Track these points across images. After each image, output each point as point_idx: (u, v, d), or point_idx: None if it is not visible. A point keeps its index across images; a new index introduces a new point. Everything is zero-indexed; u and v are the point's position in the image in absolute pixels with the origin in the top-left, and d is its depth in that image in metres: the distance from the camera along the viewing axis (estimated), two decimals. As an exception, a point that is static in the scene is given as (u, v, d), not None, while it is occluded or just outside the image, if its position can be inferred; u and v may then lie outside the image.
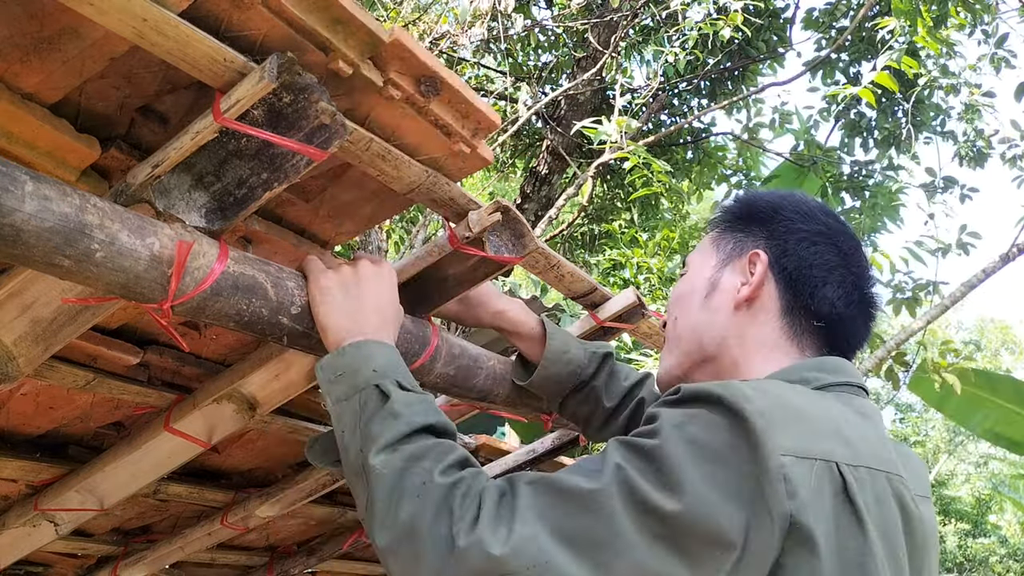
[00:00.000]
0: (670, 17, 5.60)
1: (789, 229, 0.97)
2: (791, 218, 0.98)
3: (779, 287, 0.95)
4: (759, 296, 0.95)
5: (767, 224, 0.99)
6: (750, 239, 0.99)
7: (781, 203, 0.99)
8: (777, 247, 0.96)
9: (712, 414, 0.73)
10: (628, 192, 6.41)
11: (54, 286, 0.95)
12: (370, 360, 0.92)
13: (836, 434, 0.77)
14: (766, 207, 1.00)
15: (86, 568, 2.06)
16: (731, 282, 0.98)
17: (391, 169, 0.99)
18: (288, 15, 0.78)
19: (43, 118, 0.87)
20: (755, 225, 1.00)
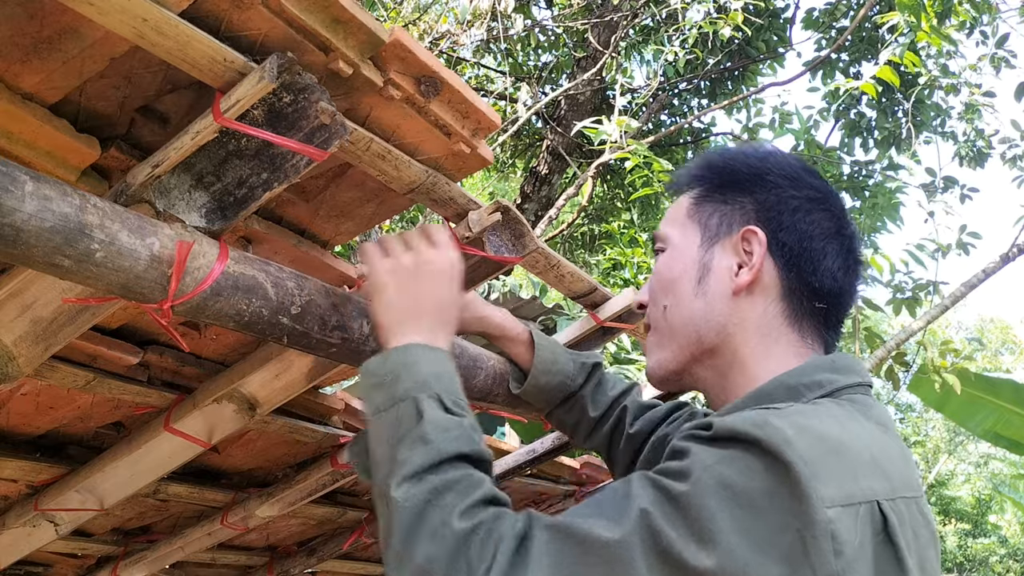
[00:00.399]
0: (670, 17, 5.60)
1: (780, 198, 0.87)
2: (780, 184, 0.87)
3: (779, 267, 0.86)
4: (759, 279, 0.86)
5: (754, 193, 0.88)
6: (738, 212, 0.89)
7: (764, 166, 0.89)
8: (772, 221, 0.87)
9: (750, 457, 0.66)
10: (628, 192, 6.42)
11: (54, 286, 0.95)
12: (414, 368, 0.85)
13: (873, 465, 0.71)
14: (749, 173, 0.89)
15: (86, 568, 2.06)
16: (725, 264, 0.88)
17: (391, 169, 0.99)
18: (288, 15, 0.78)
19: (43, 118, 0.87)
20: (740, 194, 0.89)
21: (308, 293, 0.98)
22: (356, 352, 1.06)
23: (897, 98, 5.99)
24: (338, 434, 1.72)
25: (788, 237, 0.86)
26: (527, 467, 2.09)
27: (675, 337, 0.92)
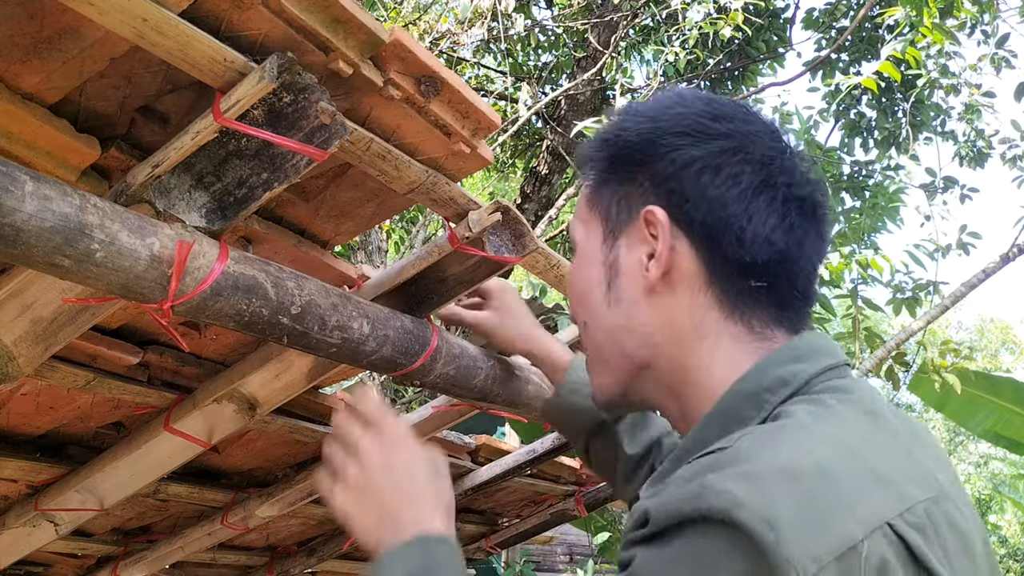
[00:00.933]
0: (670, 17, 5.60)
1: (678, 163, 0.70)
2: (677, 145, 0.71)
3: (694, 245, 0.70)
4: (673, 268, 0.71)
5: (648, 164, 0.72)
6: (637, 191, 0.73)
7: (657, 128, 0.72)
8: (673, 193, 0.70)
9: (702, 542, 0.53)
10: (628, 192, 6.41)
11: (54, 286, 0.95)
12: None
13: (872, 477, 0.57)
14: (640, 140, 0.73)
15: (86, 568, 2.06)
16: (633, 259, 0.73)
17: (391, 169, 0.99)
18: (288, 15, 0.78)
19: (43, 118, 0.87)
20: (634, 169, 0.73)
21: (308, 293, 0.98)
22: (356, 352, 1.06)
23: (897, 98, 5.99)
24: (338, 434, 1.72)
25: (695, 209, 0.69)
26: (527, 467, 2.09)
27: (604, 357, 0.79)
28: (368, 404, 0.88)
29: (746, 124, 0.72)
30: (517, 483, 2.24)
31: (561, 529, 5.93)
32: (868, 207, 6.18)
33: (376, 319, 1.07)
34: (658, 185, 0.72)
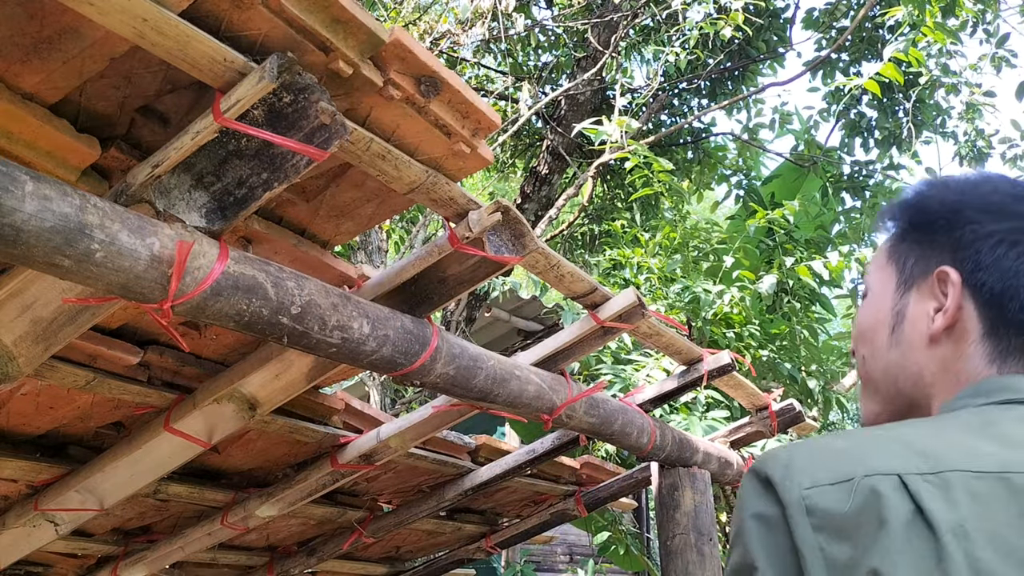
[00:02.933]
0: (670, 17, 5.60)
1: (978, 235, 0.81)
2: (978, 220, 0.81)
3: (978, 306, 0.80)
4: (957, 322, 0.81)
5: (950, 231, 0.83)
6: (934, 253, 0.84)
7: (961, 200, 0.83)
8: (968, 260, 0.81)
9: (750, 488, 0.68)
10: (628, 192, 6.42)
11: (54, 286, 0.95)
12: None
13: (905, 446, 0.66)
14: (944, 209, 0.84)
15: (86, 568, 2.06)
16: (920, 310, 0.84)
17: (391, 169, 0.99)
18: (288, 15, 0.78)
19: (43, 118, 0.87)
20: (936, 233, 0.84)
21: (308, 293, 0.98)
22: (356, 352, 1.06)
23: (898, 98, 5.99)
24: (338, 434, 1.72)
25: (988, 276, 0.80)
26: (527, 467, 2.09)
27: (877, 390, 0.89)
28: None
29: None
30: (517, 483, 2.24)
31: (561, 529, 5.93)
32: (868, 207, 6.18)
33: (376, 319, 1.07)
34: (956, 250, 0.82)
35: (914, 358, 0.83)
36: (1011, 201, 0.82)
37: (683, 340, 1.84)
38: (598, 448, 4.62)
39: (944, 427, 0.70)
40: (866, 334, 0.89)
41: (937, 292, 0.82)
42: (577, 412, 1.61)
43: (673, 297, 4.65)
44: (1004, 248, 0.79)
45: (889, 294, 0.87)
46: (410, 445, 1.70)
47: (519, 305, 6.14)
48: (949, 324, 0.80)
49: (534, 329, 6.30)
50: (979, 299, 0.80)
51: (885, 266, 0.89)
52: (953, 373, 0.80)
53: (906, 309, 0.85)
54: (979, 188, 0.84)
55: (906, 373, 0.84)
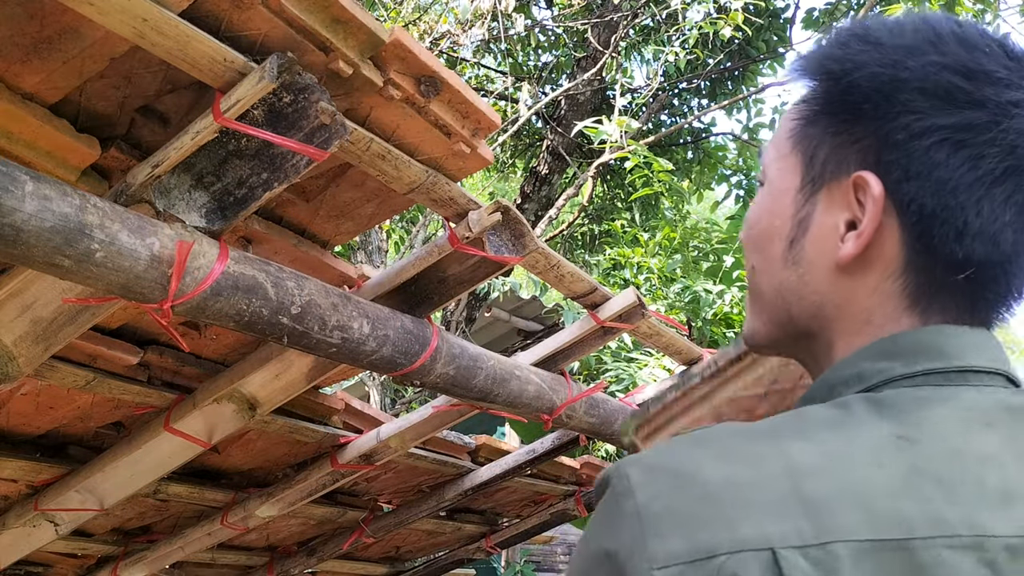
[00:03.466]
0: (670, 17, 5.60)
1: (912, 131, 0.59)
2: (918, 108, 0.59)
3: (903, 228, 0.60)
4: (871, 246, 0.62)
5: (877, 120, 0.60)
6: (854, 148, 0.62)
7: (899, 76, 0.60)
8: (895, 165, 0.60)
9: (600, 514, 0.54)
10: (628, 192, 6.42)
11: (54, 286, 0.95)
12: None
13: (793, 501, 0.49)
14: (873, 88, 0.61)
15: (86, 568, 2.06)
16: (829, 222, 0.64)
17: (391, 169, 0.99)
18: (288, 15, 0.78)
19: (43, 118, 0.87)
20: (860, 120, 0.62)
21: (308, 293, 0.98)
22: (356, 352, 1.06)
23: (897, 98, 5.99)
24: (338, 434, 1.72)
25: (918, 189, 0.59)
26: (527, 467, 2.09)
27: (764, 307, 0.71)
28: None
29: (1007, 90, 0.58)
30: (517, 483, 2.24)
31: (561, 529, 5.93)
32: (868, 207, 6.18)
33: (376, 319, 1.07)
34: (881, 150, 0.61)
35: (815, 285, 0.65)
36: (964, 78, 0.58)
37: (683, 340, 1.84)
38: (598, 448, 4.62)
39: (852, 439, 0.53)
40: (757, 241, 0.70)
41: (852, 201, 0.62)
42: (577, 412, 1.61)
43: (673, 297, 4.65)
44: (946, 151, 0.58)
45: (791, 194, 0.67)
46: (410, 445, 1.70)
47: (519, 305, 6.14)
48: (863, 248, 0.61)
49: (534, 329, 6.31)
50: (905, 218, 0.60)
51: (788, 153, 0.68)
52: (863, 311, 0.63)
53: (810, 218, 0.65)
54: (923, 56, 0.60)
55: (803, 301, 0.66)
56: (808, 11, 6.67)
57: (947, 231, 0.58)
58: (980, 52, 0.59)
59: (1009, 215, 0.58)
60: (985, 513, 0.50)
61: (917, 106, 0.59)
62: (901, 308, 0.62)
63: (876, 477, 0.51)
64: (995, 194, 0.58)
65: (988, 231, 0.58)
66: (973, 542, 0.49)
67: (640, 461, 0.53)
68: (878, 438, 0.53)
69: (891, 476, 0.51)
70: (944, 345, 0.59)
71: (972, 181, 0.58)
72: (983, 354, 0.59)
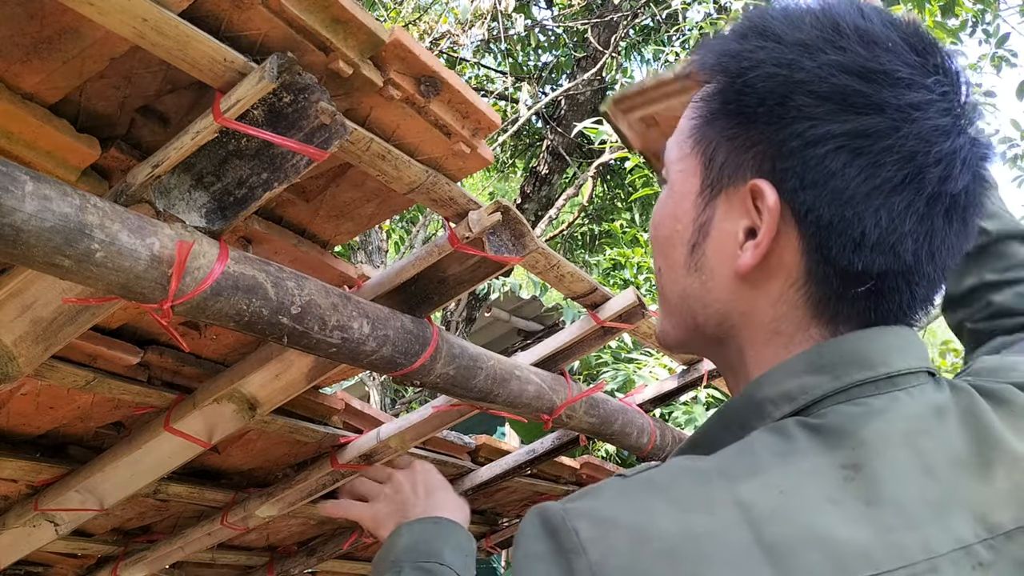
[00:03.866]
0: (670, 17, 5.60)
1: (807, 138, 0.56)
2: (811, 114, 0.55)
3: (801, 237, 0.58)
4: (771, 254, 0.60)
5: (772, 126, 0.58)
6: (750, 153, 0.60)
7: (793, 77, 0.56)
8: (790, 173, 0.57)
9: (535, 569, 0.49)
10: (628, 192, 6.42)
11: (54, 286, 0.95)
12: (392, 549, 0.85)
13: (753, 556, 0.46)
14: (765, 88, 0.57)
15: (86, 568, 2.06)
16: (728, 229, 0.62)
17: (391, 169, 0.99)
18: (288, 15, 0.78)
19: (43, 118, 0.87)
20: (755, 124, 0.59)
21: (308, 293, 0.98)
22: (356, 352, 1.06)
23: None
24: (338, 434, 1.72)
25: (815, 199, 0.56)
26: (527, 467, 2.09)
27: (672, 311, 0.70)
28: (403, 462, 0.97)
29: (908, 91, 0.55)
30: (517, 483, 2.24)
31: (561, 529, 5.92)
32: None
33: (376, 319, 1.07)
34: (775, 157, 0.58)
35: (717, 292, 0.63)
36: (862, 80, 0.55)
37: (683, 340, 1.84)
38: (598, 448, 4.62)
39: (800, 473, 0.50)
40: (662, 244, 0.68)
41: (751, 208, 0.60)
42: (577, 412, 1.61)
43: (673, 297, 4.64)
44: (842, 160, 0.55)
45: (691, 198, 0.64)
46: (410, 445, 1.70)
47: (519, 305, 6.14)
48: (761, 258, 0.60)
49: (534, 329, 6.31)
50: (803, 228, 0.58)
51: (688, 153, 0.65)
52: (770, 320, 0.61)
53: (710, 224, 0.63)
54: (821, 55, 0.56)
55: (708, 309, 0.64)
56: (808, 11, 6.66)
57: (844, 242, 0.56)
58: (881, 49, 0.56)
59: (909, 224, 0.56)
60: (933, 530, 0.49)
61: (812, 112, 0.56)
62: (808, 317, 0.60)
63: (832, 515, 0.48)
64: (894, 203, 0.55)
65: (887, 242, 0.56)
66: (928, 566, 0.47)
67: (588, 513, 0.49)
68: (825, 471, 0.51)
69: (847, 512, 0.49)
70: (868, 352, 0.57)
71: (869, 191, 0.55)
72: (906, 355, 0.57)
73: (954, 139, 0.56)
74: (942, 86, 0.56)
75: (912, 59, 0.56)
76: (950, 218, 0.57)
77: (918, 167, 0.55)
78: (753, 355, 0.62)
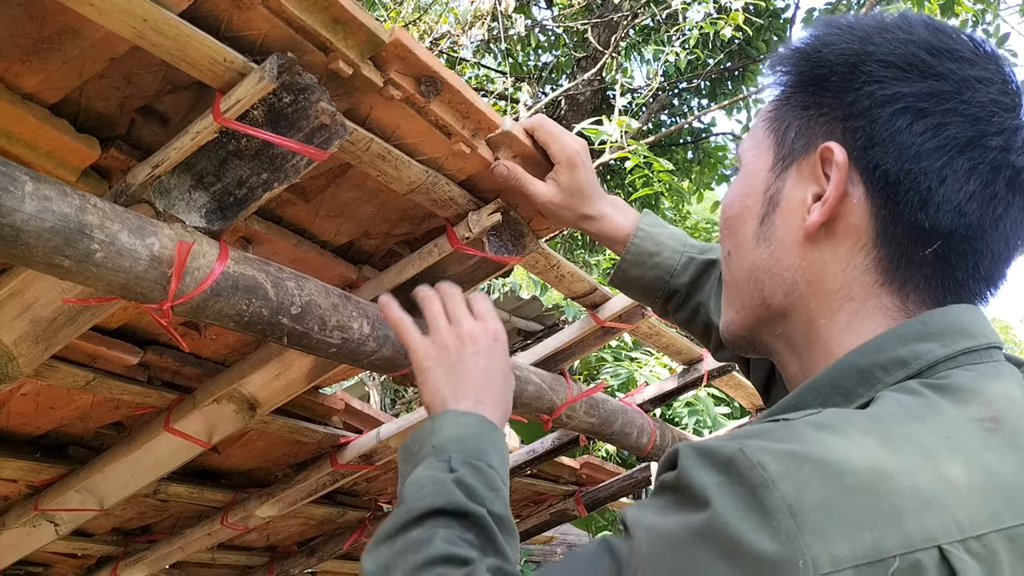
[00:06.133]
0: (670, 17, 5.60)
1: (876, 98, 0.59)
2: (880, 78, 0.60)
3: (871, 197, 0.60)
4: (839, 217, 0.62)
5: (842, 92, 0.61)
6: (821, 121, 0.63)
7: (863, 49, 0.61)
8: (860, 132, 0.60)
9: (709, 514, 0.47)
10: (628, 192, 6.42)
11: (54, 286, 0.95)
12: (437, 433, 0.80)
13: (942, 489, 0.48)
14: (840, 62, 0.62)
15: (86, 568, 2.06)
16: (797, 197, 0.64)
17: (391, 169, 0.99)
18: (288, 15, 0.78)
19: (43, 118, 0.87)
20: (826, 94, 0.63)
21: (308, 293, 0.98)
22: (356, 352, 1.06)
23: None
24: (338, 434, 1.72)
25: (882, 155, 0.59)
26: (527, 467, 2.09)
27: (738, 294, 0.70)
28: (483, 305, 0.94)
29: (971, 67, 0.59)
30: (517, 483, 2.24)
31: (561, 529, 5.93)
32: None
33: (376, 319, 1.07)
34: (847, 119, 0.61)
35: (787, 260, 0.64)
36: (928, 53, 0.60)
37: (683, 340, 1.84)
38: (598, 448, 4.61)
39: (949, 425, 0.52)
40: (732, 224, 0.70)
41: (820, 174, 0.62)
42: (577, 412, 1.61)
43: (673, 297, 4.65)
44: (908, 118, 0.58)
45: (762, 174, 0.67)
46: (410, 445, 1.70)
47: (519, 305, 6.14)
48: (828, 217, 0.61)
49: (534, 329, 6.31)
50: (871, 186, 0.60)
51: (762, 137, 0.69)
52: (840, 286, 0.62)
53: (780, 194, 0.65)
54: (890, 33, 0.61)
55: (775, 279, 0.65)
56: (808, 11, 6.67)
57: (912, 198, 0.58)
58: (947, 36, 0.61)
59: (973, 185, 0.58)
60: None
61: (881, 75, 0.60)
62: (877, 284, 0.61)
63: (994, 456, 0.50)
64: (958, 163, 0.58)
65: (952, 199, 0.58)
66: None
67: (770, 450, 0.48)
68: (967, 424, 0.52)
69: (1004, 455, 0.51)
70: (969, 323, 0.59)
71: (934, 148, 0.58)
72: (987, 329, 0.60)
73: (1015, 117, 0.59)
74: (1001, 74, 0.60)
75: (975, 49, 0.61)
76: (1013, 188, 0.59)
77: (981, 132, 0.58)
78: (826, 323, 0.63)
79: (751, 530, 0.45)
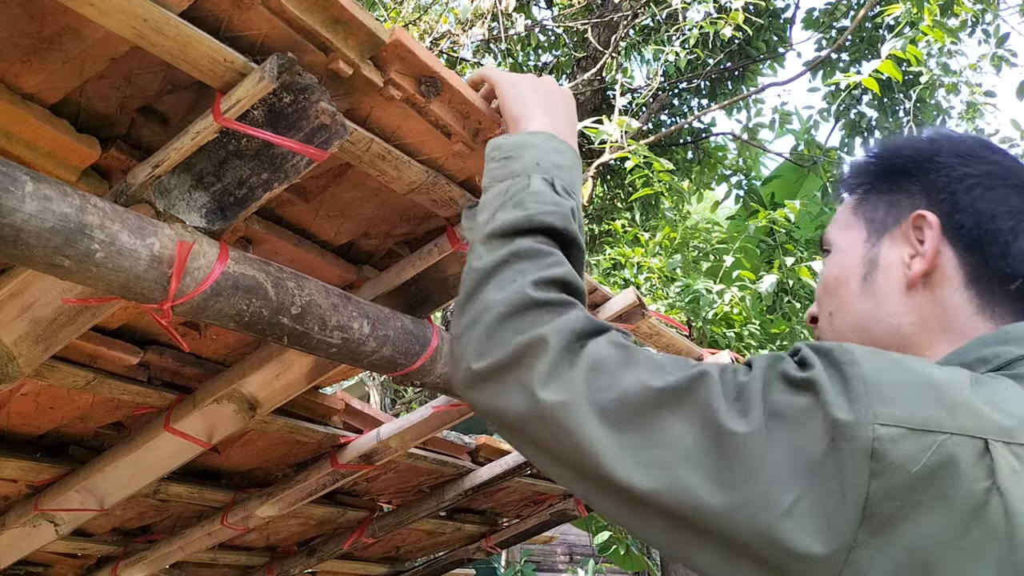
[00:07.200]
0: (670, 17, 5.60)
1: (952, 177, 0.77)
2: (951, 164, 0.78)
3: (958, 252, 0.75)
4: (936, 268, 0.76)
5: (922, 177, 0.79)
6: (907, 199, 0.79)
7: (934, 147, 0.79)
8: (944, 202, 0.76)
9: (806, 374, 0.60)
10: (628, 192, 6.42)
11: (54, 286, 0.95)
12: (535, 150, 0.84)
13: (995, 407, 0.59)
14: (916, 156, 0.80)
15: (86, 568, 2.06)
16: (895, 257, 0.78)
17: (391, 169, 0.99)
18: (288, 15, 0.78)
19: (43, 118, 0.87)
20: (907, 181, 0.80)
21: (308, 293, 0.98)
22: (356, 352, 1.06)
23: (898, 98, 5.99)
24: (338, 434, 1.72)
25: (965, 218, 0.75)
26: (527, 467, 2.09)
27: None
28: None
29: (1007, 159, 0.79)
30: (517, 483, 2.24)
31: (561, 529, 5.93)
32: (868, 207, 6.17)
33: (376, 319, 1.07)
34: (931, 194, 0.78)
35: (890, 307, 0.78)
36: (981, 148, 0.79)
37: (683, 340, 1.84)
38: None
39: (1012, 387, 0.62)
40: (833, 286, 0.83)
41: (912, 238, 0.77)
42: (577, 412, 1.61)
43: (673, 297, 4.65)
44: (980, 191, 0.76)
45: (858, 245, 0.82)
46: (410, 445, 1.70)
47: (519, 305, 6.13)
48: (928, 269, 0.76)
49: (534, 329, 6.30)
50: (959, 243, 0.75)
51: (851, 222, 0.84)
52: (940, 322, 0.75)
53: (879, 257, 0.80)
54: (948, 137, 0.81)
55: (881, 325, 0.78)
56: (808, 11, 6.67)
57: (995, 249, 0.74)
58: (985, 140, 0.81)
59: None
60: None
61: (951, 162, 0.78)
62: (972, 315, 0.75)
63: None
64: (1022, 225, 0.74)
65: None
66: None
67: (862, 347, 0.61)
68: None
69: None
70: None
71: (1004, 212, 0.75)
72: None
73: None
74: None
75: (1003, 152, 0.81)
76: None
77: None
78: (931, 355, 0.74)
79: (835, 394, 0.57)
